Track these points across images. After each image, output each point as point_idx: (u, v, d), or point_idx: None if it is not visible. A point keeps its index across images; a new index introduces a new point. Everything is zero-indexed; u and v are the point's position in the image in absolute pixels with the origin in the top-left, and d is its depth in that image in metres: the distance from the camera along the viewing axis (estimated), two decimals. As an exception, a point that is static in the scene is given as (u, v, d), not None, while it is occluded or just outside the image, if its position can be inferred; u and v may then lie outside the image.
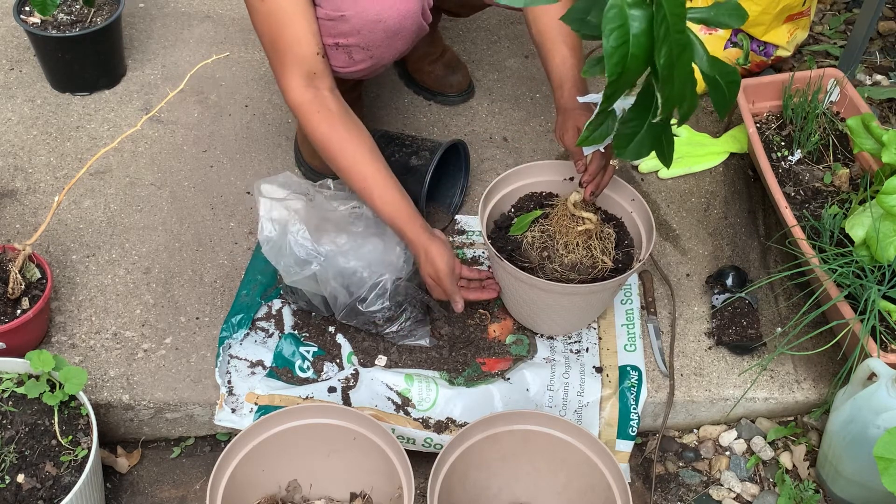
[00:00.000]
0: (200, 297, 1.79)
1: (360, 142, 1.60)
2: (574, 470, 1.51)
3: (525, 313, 1.71)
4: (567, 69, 1.60)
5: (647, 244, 1.63)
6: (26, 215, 1.91)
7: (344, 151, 1.59)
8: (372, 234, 1.67)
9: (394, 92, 2.23)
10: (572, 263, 1.59)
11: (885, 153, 1.69)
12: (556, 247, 1.60)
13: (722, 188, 2.06)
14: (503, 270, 1.62)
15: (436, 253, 1.59)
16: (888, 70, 2.43)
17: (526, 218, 1.66)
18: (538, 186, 1.75)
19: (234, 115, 2.16)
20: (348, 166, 1.60)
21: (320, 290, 1.65)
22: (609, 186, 1.69)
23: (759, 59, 2.23)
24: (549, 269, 1.59)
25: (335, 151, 1.59)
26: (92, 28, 2.07)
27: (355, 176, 1.60)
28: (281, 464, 1.54)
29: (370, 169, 1.59)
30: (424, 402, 1.63)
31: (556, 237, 1.60)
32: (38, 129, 2.10)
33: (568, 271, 1.59)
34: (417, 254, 1.62)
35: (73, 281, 1.80)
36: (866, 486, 1.55)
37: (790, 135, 1.98)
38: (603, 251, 1.60)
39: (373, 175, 1.59)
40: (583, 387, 1.67)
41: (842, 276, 1.61)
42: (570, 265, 1.59)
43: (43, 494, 1.41)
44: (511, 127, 2.17)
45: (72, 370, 1.49)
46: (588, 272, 1.59)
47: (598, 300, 1.69)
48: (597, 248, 1.60)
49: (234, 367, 1.67)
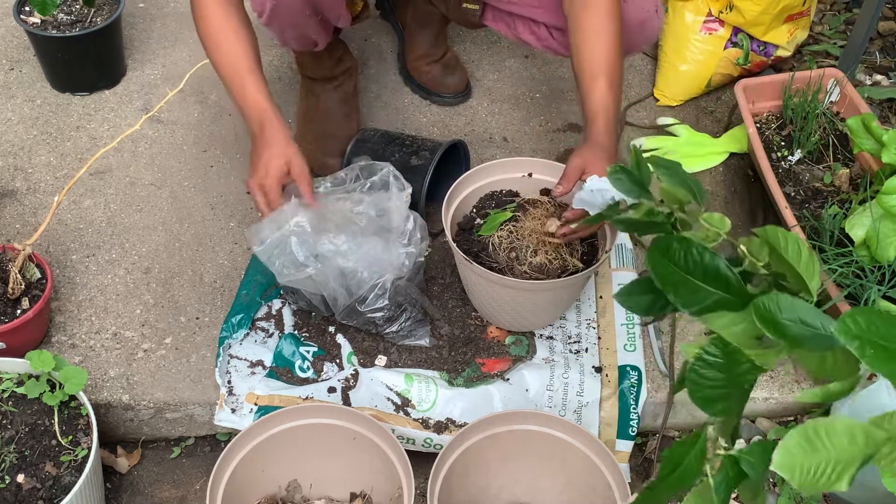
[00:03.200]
0: (200, 297, 1.79)
1: (247, 43, 1.60)
2: (574, 470, 1.51)
3: (496, 312, 1.72)
4: (601, 102, 1.57)
5: (611, 236, 1.63)
6: (26, 215, 1.91)
7: (227, 42, 1.60)
8: (372, 233, 1.67)
9: (394, 92, 2.23)
10: (540, 265, 1.60)
11: (885, 153, 1.70)
12: (524, 249, 1.61)
13: (722, 188, 2.06)
14: (471, 272, 1.62)
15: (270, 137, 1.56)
16: (888, 70, 2.42)
17: (496, 218, 1.66)
18: (498, 185, 1.77)
19: (234, 115, 2.15)
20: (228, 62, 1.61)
21: (319, 289, 1.64)
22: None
23: (759, 59, 2.23)
24: (518, 272, 1.60)
25: (219, 41, 1.60)
26: (92, 28, 2.07)
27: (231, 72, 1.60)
28: (281, 464, 1.54)
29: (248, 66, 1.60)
30: (424, 402, 1.63)
31: (524, 238, 1.62)
32: (38, 129, 2.10)
33: (536, 273, 1.59)
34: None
35: (73, 281, 1.80)
36: (866, 486, 1.55)
37: (790, 135, 1.98)
38: (571, 253, 1.62)
39: (251, 74, 1.59)
40: (582, 387, 1.67)
41: (842, 276, 1.61)
42: (539, 267, 1.60)
43: (43, 494, 1.41)
44: (511, 127, 2.17)
45: (72, 370, 1.49)
46: (556, 273, 1.60)
47: (568, 294, 1.70)
48: (565, 251, 1.61)
49: (234, 367, 1.67)
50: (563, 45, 1.74)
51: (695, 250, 0.86)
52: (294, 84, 2.19)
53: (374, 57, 2.32)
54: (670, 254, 0.87)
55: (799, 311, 0.82)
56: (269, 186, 1.56)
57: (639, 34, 1.73)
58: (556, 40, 1.76)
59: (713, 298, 0.86)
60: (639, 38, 1.75)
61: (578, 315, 1.79)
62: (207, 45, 1.63)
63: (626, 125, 2.19)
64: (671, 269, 0.86)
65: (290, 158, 1.56)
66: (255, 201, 1.58)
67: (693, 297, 0.86)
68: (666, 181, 1.00)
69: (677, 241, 0.87)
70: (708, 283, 0.86)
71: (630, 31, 1.69)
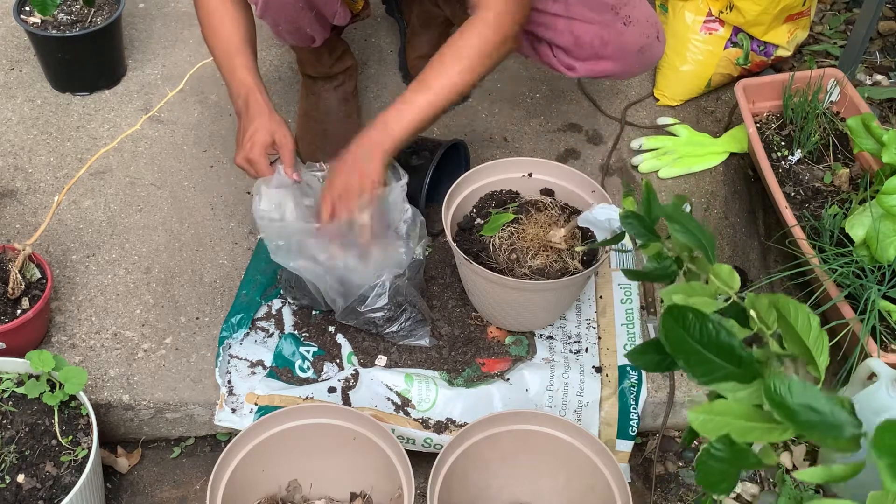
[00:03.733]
0: (200, 297, 1.79)
1: (240, 24, 1.62)
2: (574, 470, 1.51)
3: (496, 312, 1.72)
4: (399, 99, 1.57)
5: None
6: (26, 215, 1.91)
7: (220, 24, 1.61)
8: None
9: (394, 92, 2.23)
10: (541, 267, 1.60)
11: (885, 153, 1.69)
12: (525, 251, 1.61)
13: (722, 188, 2.06)
14: (471, 272, 1.62)
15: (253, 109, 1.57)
16: (888, 70, 2.42)
17: (498, 219, 1.66)
18: (498, 185, 1.77)
19: (234, 115, 2.14)
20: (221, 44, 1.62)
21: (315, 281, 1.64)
22: (569, 179, 1.73)
23: (759, 59, 2.23)
24: (518, 274, 1.60)
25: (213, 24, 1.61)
26: (92, 28, 2.07)
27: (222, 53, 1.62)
28: (281, 464, 1.54)
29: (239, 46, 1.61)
30: (424, 402, 1.63)
31: (526, 241, 1.62)
32: (38, 129, 2.10)
33: (536, 275, 1.59)
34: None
35: (73, 281, 1.80)
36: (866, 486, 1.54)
37: (790, 135, 1.98)
38: (572, 255, 1.62)
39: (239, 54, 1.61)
40: (582, 387, 1.67)
41: (842, 276, 1.61)
42: (539, 269, 1.60)
43: (43, 494, 1.41)
44: (511, 127, 2.17)
45: (72, 370, 1.49)
46: (557, 275, 1.60)
47: (568, 294, 1.70)
48: (566, 254, 1.61)
49: (234, 367, 1.67)
50: (565, 65, 1.75)
51: (710, 325, 0.88)
52: (294, 84, 2.19)
53: (374, 57, 2.32)
54: (685, 324, 0.89)
55: (810, 398, 0.84)
56: (255, 159, 1.57)
57: (637, 59, 1.74)
58: (557, 59, 1.76)
59: (723, 372, 0.88)
60: (636, 63, 1.75)
61: (578, 315, 1.79)
62: (204, 29, 1.65)
63: (626, 125, 2.19)
64: (684, 339, 0.88)
65: (273, 129, 1.57)
66: (247, 175, 1.58)
67: (703, 367, 0.87)
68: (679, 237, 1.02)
69: (693, 312, 0.89)
70: (720, 358, 0.88)
71: (628, 55, 1.69)
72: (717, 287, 0.98)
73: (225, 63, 1.62)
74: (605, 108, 2.23)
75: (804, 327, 0.91)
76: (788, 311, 0.90)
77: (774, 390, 0.82)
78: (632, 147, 2.14)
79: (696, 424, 0.85)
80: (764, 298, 0.93)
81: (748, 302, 0.93)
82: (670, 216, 1.03)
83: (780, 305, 0.91)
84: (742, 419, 0.86)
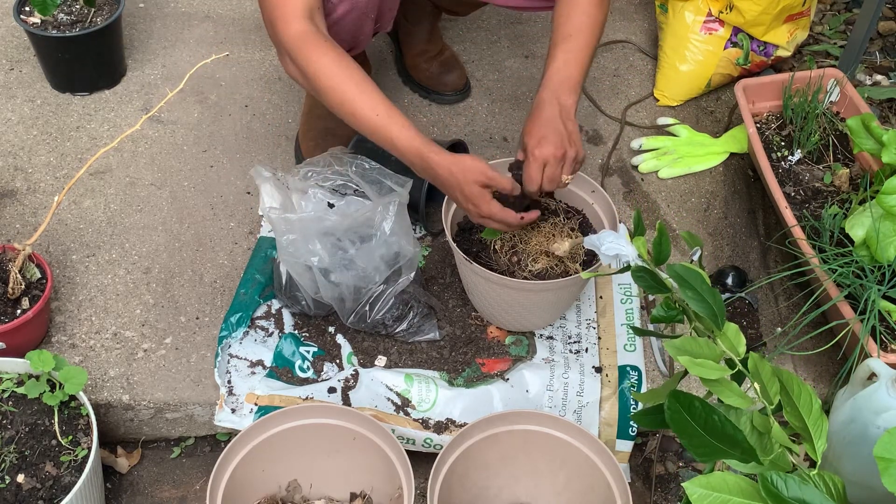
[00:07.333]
0: (200, 297, 1.79)
1: (364, 75, 1.52)
2: (574, 470, 1.51)
3: (496, 312, 1.72)
4: (561, 61, 1.55)
5: None
6: (26, 215, 1.91)
7: (351, 79, 1.50)
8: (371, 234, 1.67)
9: (394, 92, 2.23)
10: (542, 270, 1.60)
11: (885, 153, 1.69)
12: (526, 255, 1.61)
13: (722, 188, 2.06)
14: (471, 272, 1.62)
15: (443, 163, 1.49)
16: (888, 70, 2.42)
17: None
18: None
19: (233, 115, 2.16)
20: (354, 97, 1.51)
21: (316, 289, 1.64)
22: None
23: (759, 59, 2.23)
24: (519, 276, 1.60)
25: (340, 80, 1.50)
26: (92, 28, 2.07)
27: (363, 107, 1.51)
28: (281, 464, 1.54)
29: (379, 99, 1.51)
30: (424, 402, 1.63)
31: (528, 245, 1.62)
32: (38, 129, 2.10)
33: (536, 279, 1.59)
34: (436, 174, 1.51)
35: (73, 281, 1.80)
36: (866, 486, 1.54)
37: (790, 135, 1.98)
38: (573, 259, 1.61)
39: (385, 109, 1.51)
40: (582, 387, 1.67)
41: (842, 276, 1.61)
42: (540, 272, 1.60)
43: (43, 494, 1.41)
44: (511, 127, 2.17)
45: (72, 370, 1.49)
46: (557, 278, 1.59)
47: (568, 294, 1.70)
48: (568, 259, 1.61)
49: (234, 367, 1.67)
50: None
51: (716, 417, 0.93)
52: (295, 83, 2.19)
53: (374, 57, 2.32)
54: (691, 411, 0.93)
55: (804, 494, 0.89)
56: (491, 209, 1.50)
57: None
58: None
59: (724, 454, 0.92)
60: None
61: (578, 315, 1.79)
62: (331, 99, 1.52)
63: (626, 125, 2.19)
64: (689, 424, 0.93)
65: (475, 169, 1.50)
66: (502, 225, 1.52)
67: (705, 449, 0.92)
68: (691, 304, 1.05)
69: (700, 402, 0.93)
70: (722, 444, 0.92)
71: None
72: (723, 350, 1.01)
73: (381, 136, 1.52)
74: (605, 108, 2.23)
75: (806, 406, 0.95)
76: (792, 387, 0.94)
77: (772, 483, 0.87)
78: (632, 147, 2.14)
79: (695, 499, 0.88)
80: (767, 365, 0.96)
81: (751, 367, 0.95)
82: (682, 280, 1.05)
83: (785, 380, 0.95)
84: (739, 496, 0.90)
